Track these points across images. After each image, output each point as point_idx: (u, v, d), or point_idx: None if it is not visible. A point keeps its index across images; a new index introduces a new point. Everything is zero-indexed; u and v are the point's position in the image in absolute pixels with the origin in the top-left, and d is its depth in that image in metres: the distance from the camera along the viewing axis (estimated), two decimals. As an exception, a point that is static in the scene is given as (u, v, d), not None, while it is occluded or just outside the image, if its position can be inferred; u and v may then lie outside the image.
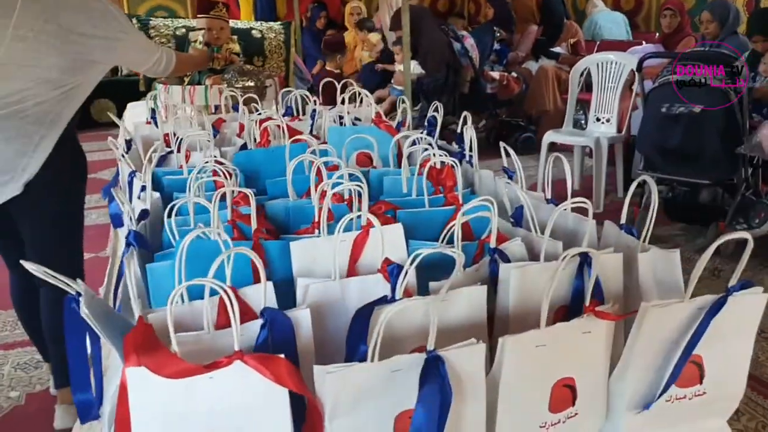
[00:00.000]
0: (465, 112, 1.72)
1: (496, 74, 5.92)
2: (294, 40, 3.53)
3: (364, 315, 0.87)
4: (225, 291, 0.78)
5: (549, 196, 1.32)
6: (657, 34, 6.33)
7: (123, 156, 1.57)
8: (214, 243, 1.07)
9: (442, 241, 1.13)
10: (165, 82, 3.14)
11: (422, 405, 0.76)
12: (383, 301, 0.91)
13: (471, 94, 5.69)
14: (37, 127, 2.08)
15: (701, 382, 0.91)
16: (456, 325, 0.94)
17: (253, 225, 1.14)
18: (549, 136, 4.72)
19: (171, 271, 1.03)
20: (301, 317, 0.88)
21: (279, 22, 3.57)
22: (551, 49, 6.33)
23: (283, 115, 2.24)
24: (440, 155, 1.36)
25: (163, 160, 1.76)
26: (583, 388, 0.88)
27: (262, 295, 0.97)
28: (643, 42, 6.03)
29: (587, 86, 4.98)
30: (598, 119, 4.82)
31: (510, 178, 1.46)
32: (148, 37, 3.30)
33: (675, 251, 1.00)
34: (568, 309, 1.00)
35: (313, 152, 1.47)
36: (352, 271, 1.08)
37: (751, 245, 0.87)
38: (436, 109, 1.92)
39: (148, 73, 2.44)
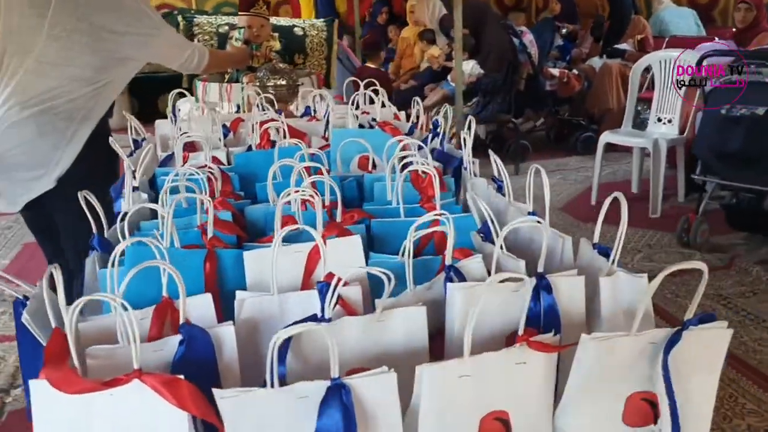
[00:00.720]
0: (470, 118, 1.64)
1: (555, 71, 5.76)
2: (335, 36, 3.51)
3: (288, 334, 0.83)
4: (122, 306, 0.76)
5: (532, 209, 1.25)
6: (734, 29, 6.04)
7: (124, 156, 1.58)
8: (163, 250, 1.06)
9: (403, 254, 1.08)
10: (205, 79, 3.18)
11: (320, 437, 0.72)
12: (312, 320, 0.86)
13: (528, 91, 5.56)
14: (69, 122, 2.16)
15: (655, 422, 0.83)
16: (394, 348, 0.89)
17: (209, 233, 1.11)
18: (606, 137, 4.56)
19: (121, 277, 1.02)
20: (224, 334, 0.85)
21: (322, 20, 3.56)
22: (616, 46, 6.10)
23: (302, 115, 2.22)
24: (422, 162, 1.30)
25: (168, 160, 1.76)
26: (519, 423, 0.81)
27: (199, 307, 0.95)
28: (716, 38, 5.73)
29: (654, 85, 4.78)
30: (659, 119, 4.62)
31: (499, 188, 1.39)
32: (191, 34, 3.35)
33: (643, 276, 0.92)
34: (553, 332, 0.93)
35: (303, 156, 1.44)
36: (306, 284, 1.04)
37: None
38: (445, 114, 1.85)
39: (181, 69, 2.48)
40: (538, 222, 0.96)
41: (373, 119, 2.04)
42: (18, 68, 2.10)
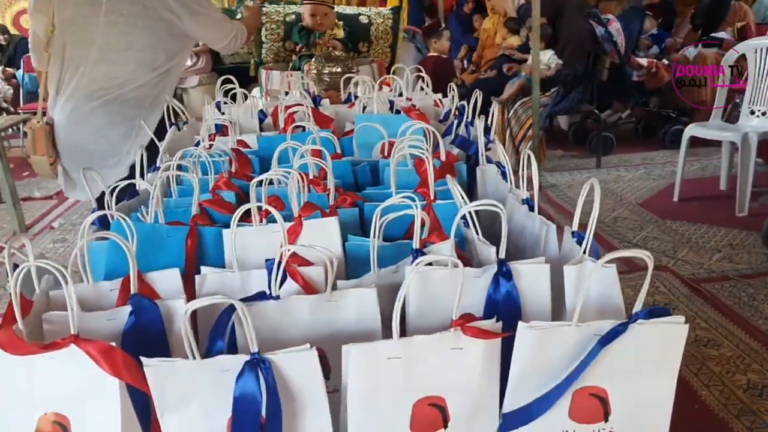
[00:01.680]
0: (476, 97, 1.59)
1: (644, 61, 5.51)
2: (402, 25, 3.49)
3: (229, 310, 0.84)
4: (63, 276, 0.78)
5: (527, 196, 1.20)
6: None
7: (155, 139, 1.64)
8: (148, 226, 1.09)
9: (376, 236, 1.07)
10: (269, 68, 3.25)
11: (237, 411, 0.72)
12: (261, 297, 0.87)
13: (613, 82, 5.35)
14: (138, 110, 2.27)
15: (606, 420, 0.78)
16: (347, 329, 0.88)
17: (193, 210, 1.14)
18: (690, 130, 4.32)
19: (107, 249, 1.06)
20: (174, 307, 0.87)
21: (389, 8, 3.55)
22: (714, 34, 5.77)
23: (344, 101, 2.23)
24: (419, 148, 1.27)
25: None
26: (457, 410, 0.79)
27: (167, 281, 0.97)
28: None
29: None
30: (752, 112, 4.34)
31: (503, 174, 1.34)
32: (260, 23, 3.42)
33: (611, 266, 0.87)
34: (495, 317, 0.90)
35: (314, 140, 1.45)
36: (281, 263, 1.05)
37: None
38: (475, 101, 1.81)
39: (227, 48, 2.55)
40: (498, 208, 0.92)
41: (413, 105, 2.02)
42: (82, 59, 2.21)
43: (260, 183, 1.16)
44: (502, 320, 0.89)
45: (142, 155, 1.37)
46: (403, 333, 0.94)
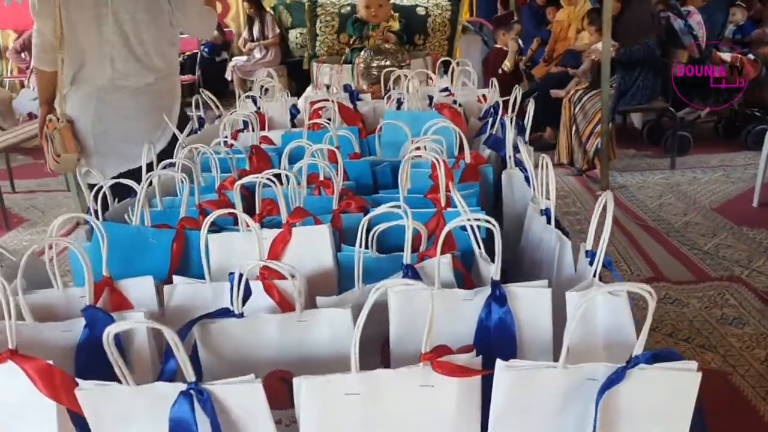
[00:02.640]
0: (516, 93, 1.47)
1: (727, 56, 5.17)
2: (461, 16, 3.36)
3: (187, 328, 0.77)
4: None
5: (544, 206, 1.07)
6: None
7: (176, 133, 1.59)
8: (133, 229, 1.03)
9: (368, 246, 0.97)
10: (324, 61, 3.19)
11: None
12: (224, 314, 0.79)
13: (692, 77, 5.04)
14: (164, 101, 2.38)
15: (602, 476, 0.67)
16: (320, 352, 0.79)
17: (182, 212, 1.07)
18: (774, 130, 4.03)
19: (90, 252, 1.01)
20: (133, 320, 0.80)
21: (449, -1, 3.42)
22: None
23: (383, 96, 2.13)
24: (431, 150, 1.17)
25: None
26: (429, 455, 0.69)
27: (139, 289, 0.91)
28: None
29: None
30: None
31: (527, 180, 1.22)
32: (314, 15, 3.36)
33: (620, 294, 0.75)
34: (476, 350, 0.79)
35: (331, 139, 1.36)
36: (267, 273, 0.97)
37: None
38: (515, 96, 1.68)
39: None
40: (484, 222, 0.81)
41: (455, 101, 1.91)
42: (96, 57, 2.29)
43: (263, 183, 1.08)
44: (494, 351, 0.78)
45: (150, 148, 1.32)
46: (387, 361, 0.84)
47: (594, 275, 0.79)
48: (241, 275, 0.77)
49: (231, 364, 0.80)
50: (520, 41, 5.29)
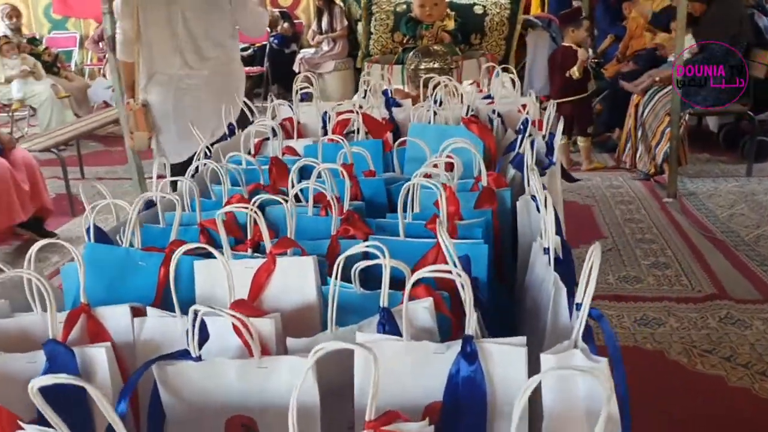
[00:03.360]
0: (550, 108, 1.39)
1: (814, 57, 4.84)
2: (520, 15, 3.25)
3: (145, 367, 0.74)
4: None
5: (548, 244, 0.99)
6: None
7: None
8: (122, 251, 1.01)
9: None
10: (376, 60, 3.14)
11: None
12: (183, 355, 0.76)
13: (772, 81, 4.75)
14: (227, 88, 2.72)
15: None
16: (280, 401, 0.75)
17: (173, 235, 1.04)
18: None
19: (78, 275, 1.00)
20: (94, 355, 0.78)
21: (508, -3, 3.31)
22: None
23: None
24: (436, 174, 1.10)
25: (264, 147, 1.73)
26: None
27: (115, 318, 0.89)
28: None
29: None
30: None
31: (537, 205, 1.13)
32: (370, 12, 3.32)
33: (600, 360, 0.67)
34: (443, 407, 0.74)
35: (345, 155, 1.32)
36: (250, 305, 0.93)
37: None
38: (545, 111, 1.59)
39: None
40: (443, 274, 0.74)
41: (493, 111, 1.83)
42: (169, 49, 2.71)
43: (265, 203, 1.05)
44: (463, 410, 0.72)
45: (165, 165, 1.31)
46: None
47: (578, 333, 0.72)
48: (195, 313, 0.74)
49: (192, 405, 0.77)
50: (590, 50, 5.09)
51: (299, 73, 8.08)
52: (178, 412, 0.78)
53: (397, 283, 0.88)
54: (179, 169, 2.48)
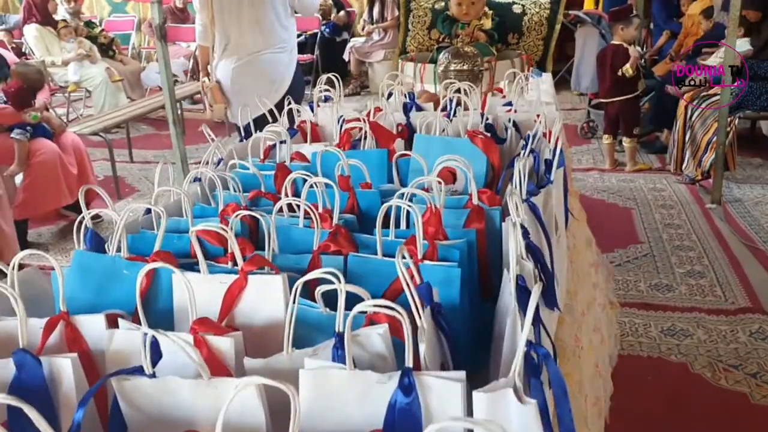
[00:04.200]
0: (558, 121, 1.37)
1: None
2: (560, 15, 3.20)
3: (103, 380, 0.78)
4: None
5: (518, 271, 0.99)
6: None
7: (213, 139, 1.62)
8: (108, 259, 1.06)
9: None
10: (411, 58, 3.14)
11: None
12: (138, 371, 0.79)
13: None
14: (289, 57, 3.45)
15: None
16: (230, 422, 0.78)
17: (157, 245, 1.08)
18: None
19: (69, 279, 1.04)
20: (60, 365, 0.82)
21: (549, -4, 3.26)
22: None
23: (442, 109, 2.07)
24: (434, 188, 1.10)
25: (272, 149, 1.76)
26: None
27: (91, 327, 0.93)
28: None
29: None
30: None
31: (525, 233, 1.13)
32: (408, 9, 3.32)
33: (529, 402, 0.68)
34: None
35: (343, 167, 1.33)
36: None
37: None
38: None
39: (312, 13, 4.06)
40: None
41: (510, 121, 1.82)
42: (235, 33, 3.31)
43: (242, 216, 1.08)
44: (400, 444, 0.74)
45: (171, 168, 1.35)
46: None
47: (514, 371, 0.73)
48: (146, 334, 0.77)
49: (150, 418, 0.81)
50: (638, 48, 4.96)
51: (349, 61, 8.12)
52: (138, 424, 0.82)
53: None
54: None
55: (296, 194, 1.35)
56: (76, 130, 4.63)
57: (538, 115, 1.78)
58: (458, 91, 1.99)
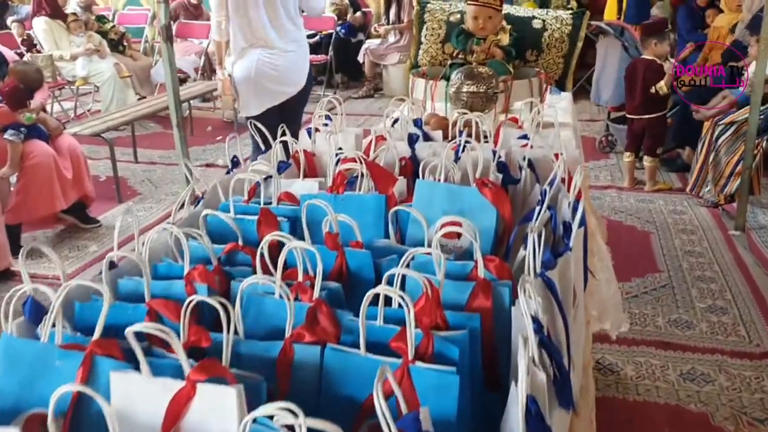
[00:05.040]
0: (579, 175, 1.20)
1: None
2: (583, 32, 3.00)
3: None
4: None
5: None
6: None
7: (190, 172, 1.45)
8: (39, 346, 0.89)
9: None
10: (423, 73, 2.96)
11: None
12: None
13: None
14: (304, 55, 3.75)
15: None
16: None
17: (97, 332, 0.91)
18: None
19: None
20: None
21: (570, 12, 3.06)
22: None
23: (450, 140, 1.89)
24: (426, 274, 0.93)
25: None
26: None
27: None
28: None
29: None
30: None
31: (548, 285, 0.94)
32: (422, 20, 3.13)
33: None
34: None
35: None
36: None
37: None
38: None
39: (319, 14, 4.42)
40: None
41: (526, 160, 1.64)
42: (248, 32, 3.54)
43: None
44: None
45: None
46: None
47: None
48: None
49: None
50: (673, 60, 4.74)
51: (363, 63, 7.94)
52: None
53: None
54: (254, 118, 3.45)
55: (281, 247, 1.17)
56: (77, 130, 4.49)
57: (556, 155, 1.60)
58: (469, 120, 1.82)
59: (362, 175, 1.40)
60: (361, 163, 1.40)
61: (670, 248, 3.84)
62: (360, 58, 7.88)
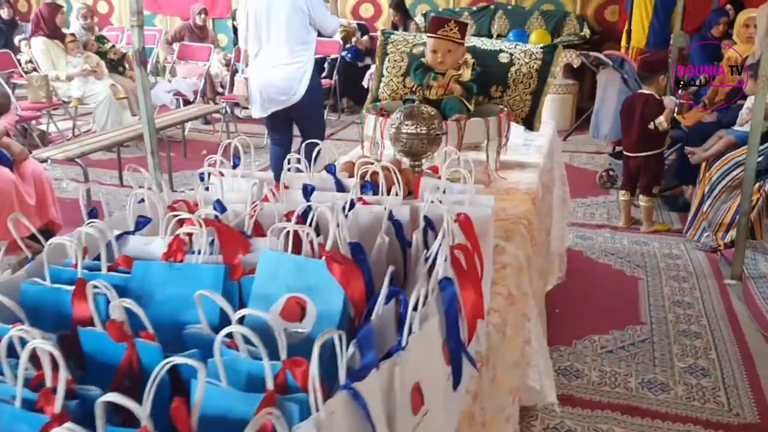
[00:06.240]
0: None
1: None
2: (554, 67, 2.80)
3: None
4: None
5: None
6: None
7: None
8: None
9: None
10: (379, 108, 2.78)
11: None
12: None
13: None
14: (305, 68, 4.15)
15: None
16: None
17: None
18: None
19: None
20: None
21: (541, 46, 2.85)
22: None
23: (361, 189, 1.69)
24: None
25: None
26: None
27: None
28: None
29: None
30: None
31: None
32: (384, 52, 2.96)
33: None
34: None
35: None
36: None
37: None
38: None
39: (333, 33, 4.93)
40: None
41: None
42: (265, 40, 4.09)
43: None
44: None
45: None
46: None
47: None
48: None
49: None
50: (673, 98, 4.49)
51: (368, 88, 7.79)
52: None
53: None
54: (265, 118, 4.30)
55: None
56: (51, 155, 4.39)
57: (459, 215, 1.40)
58: (381, 169, 1.63)
59: (206, 238, 1.21)
60: (200, 225, 1.22)
61: (658, 297, 3.59)
62: (365, 83, 7.73)
